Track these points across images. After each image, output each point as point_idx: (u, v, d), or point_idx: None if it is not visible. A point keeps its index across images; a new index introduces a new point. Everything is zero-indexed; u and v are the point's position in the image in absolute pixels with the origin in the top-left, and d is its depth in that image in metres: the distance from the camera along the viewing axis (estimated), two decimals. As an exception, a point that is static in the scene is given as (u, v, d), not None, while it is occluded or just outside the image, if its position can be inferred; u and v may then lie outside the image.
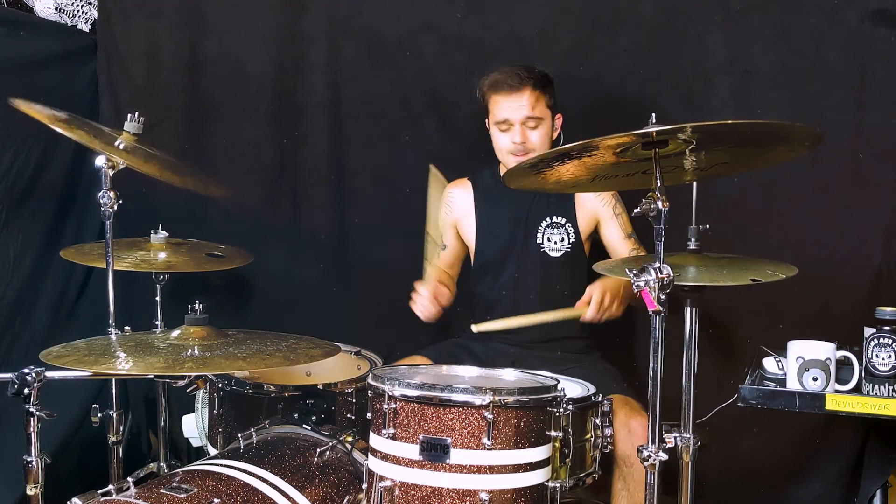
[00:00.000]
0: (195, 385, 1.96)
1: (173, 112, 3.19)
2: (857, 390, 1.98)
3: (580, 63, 2.80)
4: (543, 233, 2.54)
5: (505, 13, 2.85)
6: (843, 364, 2.03)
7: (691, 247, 2.04)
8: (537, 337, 2.49)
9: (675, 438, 1.89)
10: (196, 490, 1.75)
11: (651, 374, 1.69)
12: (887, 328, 1.96)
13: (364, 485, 1.84)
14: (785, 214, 2.63)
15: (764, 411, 2.02)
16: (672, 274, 1.66)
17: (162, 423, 2.87)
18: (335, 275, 3.10)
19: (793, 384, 1.99)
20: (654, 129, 1.61)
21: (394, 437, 1.73)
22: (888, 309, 1.97)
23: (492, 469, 1.69)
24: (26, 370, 1.67)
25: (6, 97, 2.21)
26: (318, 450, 2.05)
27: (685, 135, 1.64)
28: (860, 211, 2.55)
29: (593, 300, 2.28)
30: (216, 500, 1.72)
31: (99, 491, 1.74)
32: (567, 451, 1.88)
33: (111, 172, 2.25)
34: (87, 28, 3.25)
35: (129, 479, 1.78)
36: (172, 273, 2.76)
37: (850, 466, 2.57)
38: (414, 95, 2.97)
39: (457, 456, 1.68)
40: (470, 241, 2.66)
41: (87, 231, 3.10)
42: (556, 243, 2.53)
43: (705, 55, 2.67)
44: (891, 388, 1.92)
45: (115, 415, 2.41)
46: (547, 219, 2.54)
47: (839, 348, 2.01)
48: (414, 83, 2.97)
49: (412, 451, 1.70)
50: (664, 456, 1.72)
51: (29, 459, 1.70)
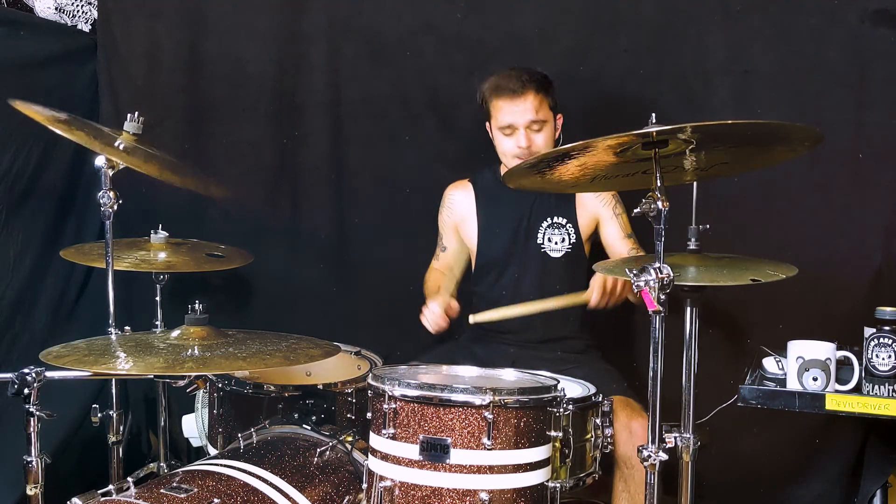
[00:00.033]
0: (195, 385, 1.96)
1: (173, 112, 3.18)
2: (857, 390, 1.98)
3: (580, 63, 2.80)
4: (544, 233, 2.54)
5: (505, 13, 2.85)
6: (843, 364, 2.03)
7: (691, 247, 2.04)
8: (537, 337, 2.50)
9: (676, 438, 1.89)
10: (196, 490, 1.74)
11: (651, 375, 1.68)
12: (887, 328, 1.96)
13: (364, 485, 1.84)
14: (785, 214, 2.63)
15: (764, 411, 2.02)
16: (672, 274, 1.66)
17: (162, 423, 2.87)
18: (335, 275, 3.10)
19: (793, 384, 1.99)
20: (654, 129, 1.61)
21: (394, 437, 1.73)
22: (888, 309, 1.97)
23: (492, 469, 1.69)
24: (26, 370, 1.67)
25: (6, 97, 2.20)
26: (318, 450, 2.05)
27: (685, 135, 1.64)
28: (860, 211, 2.55)
29: (597, 285, 2.25)
30: (216, 500, 1.72)
31: (99, 491, 1.74)
32: (567, 452, 1.88)
33: (111, 172, 2.24)
34: (87, 28, 3.25)
35: (129, 479, 1.78)
36: (172, 273, 2.76)
37: (850, 466, 2.57)
38: (414, 95, 2.97)
39: (457, 456, 1.68)
40: (471, 242, 2.66)
41: (87, 231, 3.09)
42: (557, 244, 2.53)
43: (705, 55, 2.67)
44: (891, 388, 1.92)
45: (115, 415, 2.40)
46: (548, 219, 2.54)
47: (839, 348, 2.01)
48: (414, 83, 2.97)
49: (412, 451, 1.70)
50: (664, 456, 1.72)
51: (29, 459, 1.70)
